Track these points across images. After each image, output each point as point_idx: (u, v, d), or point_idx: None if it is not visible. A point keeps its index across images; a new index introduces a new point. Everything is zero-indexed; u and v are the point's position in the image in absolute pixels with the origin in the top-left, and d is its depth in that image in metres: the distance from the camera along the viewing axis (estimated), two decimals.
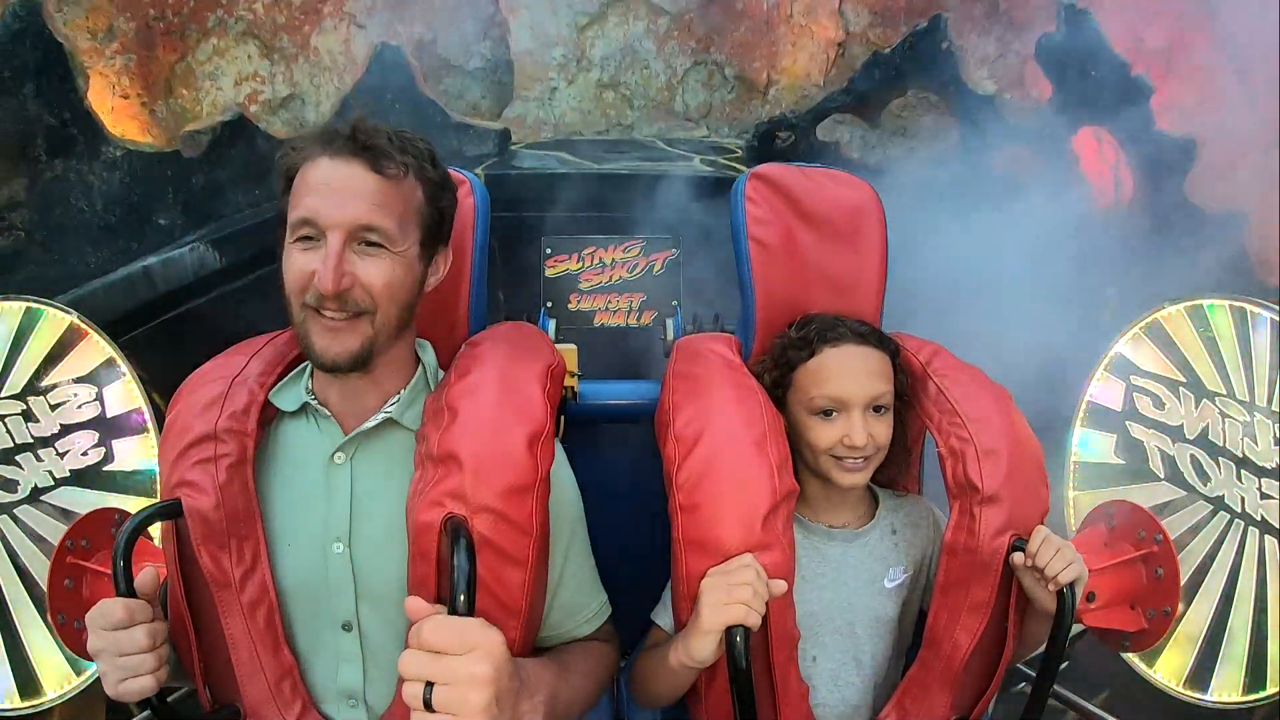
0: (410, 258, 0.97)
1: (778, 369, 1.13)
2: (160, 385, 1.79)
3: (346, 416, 1.01)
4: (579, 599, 1.05)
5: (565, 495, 1.03)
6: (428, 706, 0.75)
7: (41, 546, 1.54)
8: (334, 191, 0.91)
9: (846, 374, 1.07)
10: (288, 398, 1.03)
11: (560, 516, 1.00)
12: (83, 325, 1.58)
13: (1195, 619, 1.46)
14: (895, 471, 1.25)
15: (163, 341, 2.24)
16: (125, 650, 0.87)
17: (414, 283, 0.99)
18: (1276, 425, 1.39)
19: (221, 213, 2.44)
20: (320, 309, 0.92)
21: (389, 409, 1.00)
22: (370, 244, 0.92)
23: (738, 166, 2.78)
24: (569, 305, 1.55)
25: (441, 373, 1.06)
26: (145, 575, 0.90)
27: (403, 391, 1.02)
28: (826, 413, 1.07)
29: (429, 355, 1.08)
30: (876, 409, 1.08)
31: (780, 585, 0.93)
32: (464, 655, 0.77)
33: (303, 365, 1.06)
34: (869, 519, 1.16)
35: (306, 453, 1.01)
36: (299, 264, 0.92)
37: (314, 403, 1.01)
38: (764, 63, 3.02)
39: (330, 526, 0.97)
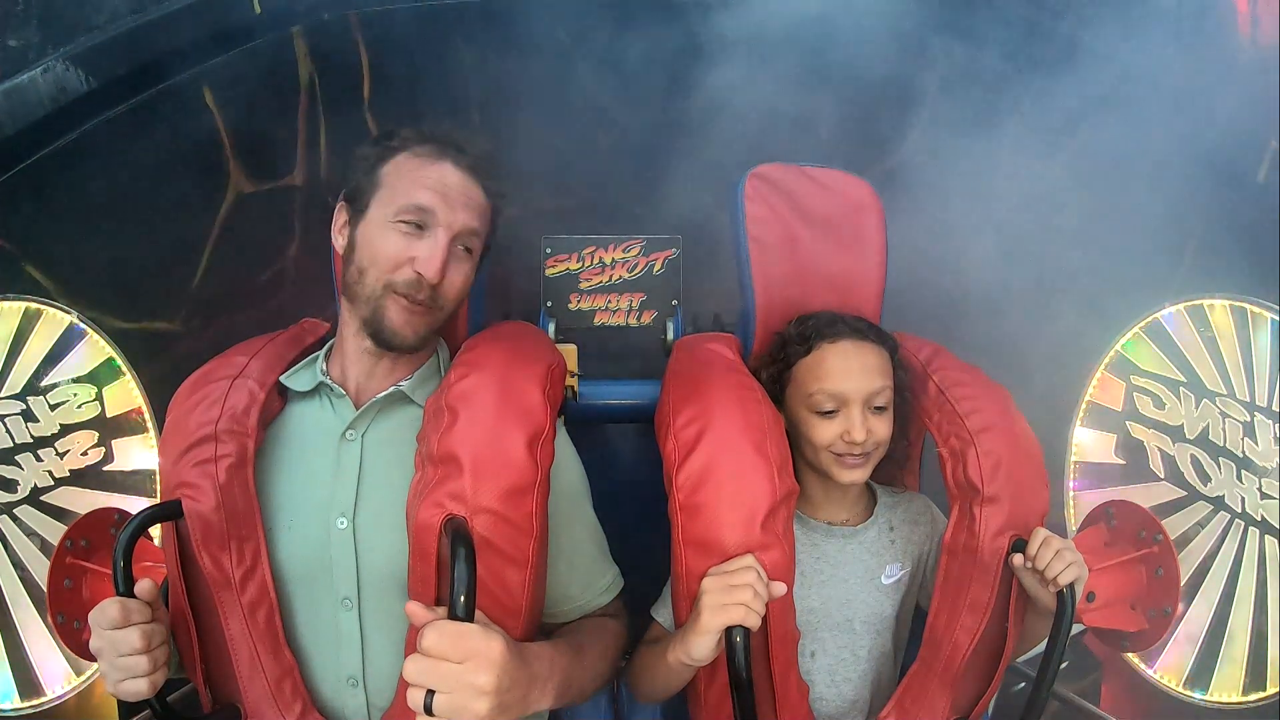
0: (473, 269, 1.08)
1: (776, 365, 1.13)
2: (32, 259, 1.58)
3: (361, 395, 1.05)
4: (597, 566, 1.08)
5: (569, 467, 1.07)
6: (428, 711, 0.77)
7: (42, 547, 1.54)
8: (453, 195, 1.01)
9: (845, 370, 1.07)
10: (301, 379, 1.07)
11: (565, 488, 1.02)
12: (83, 325, 1.58)
13: (1195, 619, 1.46)
14: (895, 469, 1.26)
15: (26, 201, 1.68)
16: (122, 651, 0.87)
17: (468, 289, 1.08)
18: (1276, 425, 1.40)
19: (93, 24, 1.78)
20: (405, 292, 1.00)
21: (401, 384, 1.05)
22: (462, 248, 1.03)
23: None
24: (569, 305, 1.55)
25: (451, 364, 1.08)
26: (143, 583, 0.90)
27: (416, 372, 1.07)
28: (826, 410, 1.07)
29: (444, 348, 1.14)
30: (875, 406, 1.08)
31: (780, 587, 0.93)
32: (464, 664, 0.78)
33: (315, 354, 1.10)
34: (867, 516, 1.16)
35: (317, 432, 1.04)
36: (399, 245, 1.00)
37: (328, 382, 1.05)
38: None
39: (335, 502, 0.98)
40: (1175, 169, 1.72)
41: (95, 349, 1.59)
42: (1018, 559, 0.99)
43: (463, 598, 0.79)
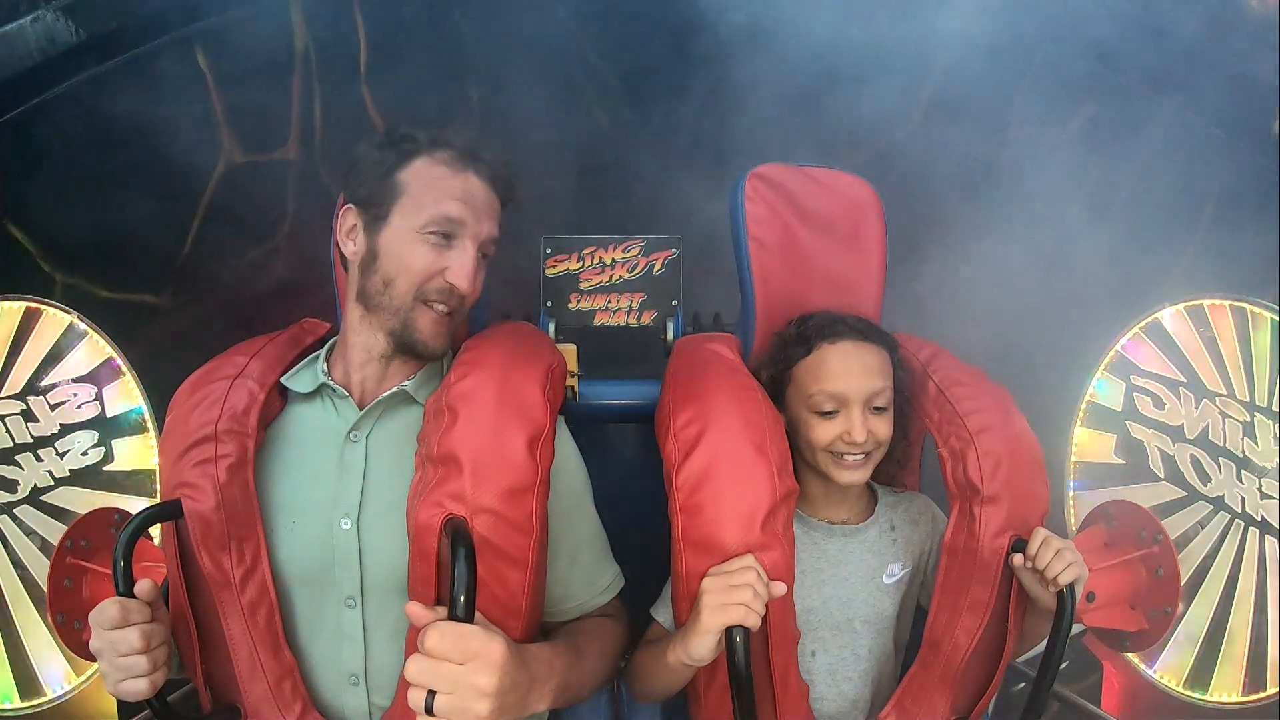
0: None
1: (776, 365, 1.13)
2: (14, 217, 1.51)
3: (366, 397, 1.05)
4: (598, 565, 1.08)
5: (571, 466, 1.06)
6: (429, 712, 0.77)
7: (42, 547, 1.54)
8: (478, 206, 1.03)
9: (845, 371, 1.07)
10: (302, 380, 1.06)
11: (567, 486, 1.02)
12: (83, 325, 1.58)
13: (1195, 619, 1.46)
14: (895, 470, 1.25)
15: (10, 155, 1.61)
16: (121, 651, 0.87)
17: None
18: (1276, 425, 1.40)
19: None
20: (435, 302, 1.02)
21: (405, 384, 1.04)
22: (482, 255, 1.05)
23: None
24: (569, 305, 1.55)
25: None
26: (143, 583, 0.90)
27: (419, 371, 1.07)
28: (826, 411, 1.07)
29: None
30: (876, 406, 1.08)
31: (780, 588, 0.93)
32: (466, 665, 0.79)
33: (315, 354, 1.10)
34: (868, 515, 1.16)
35: (319, 432, 1.03)
36: (430, 257, 1.01)
37: (330, 383, 1.05)
38: None
39: (340, 503, 0.98)
40: (1190, 128, 1.68)
41: (95, 349, 1.59)
42: (1017, 558, 0.99)
43: (463, 598, 0.78)
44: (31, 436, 1.55)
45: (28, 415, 1.55)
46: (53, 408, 1.56)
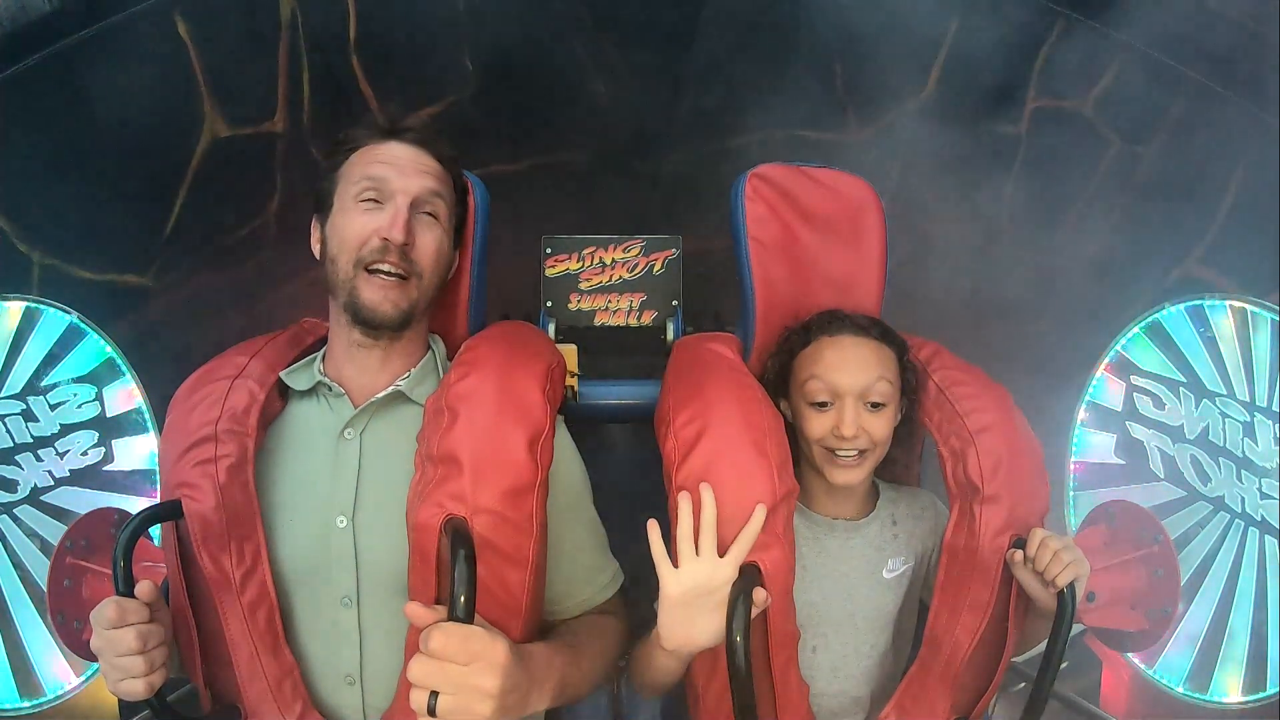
0: (448, 237, 1.07)
1: (780, 355, 1.14)
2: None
3: (359, 393, 1.04)
4: (598, 562, 1.08)
5: (570, 464, 1.06)
6: (431, 713, 0.77)
7: (42, 547, 1.54)
8: (402, 165, 1.03)
9: (840, 363, 1.08)
10: (300, 378, 1.06)
11: (566, 485, 1.03)
12: (83, 325, 1.58)
13: (1195, 619, 1.46)
14: (899, 471, 1.25)
15: None
16: (118, 651, 0.87)
17: (447, 262, 1.08)
18: (1276, 425, 1.40)
19: None
20: (375, 267, 0.99)
21: (399, 383, 1.04)
22: (426, 214, 1.03)
23: None
24: (569, 305, 1.55)
25: (449, 363, 1.08)
26: (143, 585, 0.90)
27: (413, 370, 1.06)
28: (819, 402, 1.07)
29: (439, 345, 1.12)
30: (871, 403, 1.07)
31: (761, 594, 0.92)
32: (469, 666, 0.79)
33: (314, 354, 1.10)
34: (869, 510, 1.16)
35: (316, 431, 1.03)
36: (360, 222, 1.00)
37: (326, 380, 1.05)
38: None
39: (335, 501, 0.98)
40: (1194, 130, 1.67)
41: (95, 349, 1.59)
42: (1016, 556, 0.99)
43: (463, 598, 0.78)
44: (31, 436, 1.55)
45: (28, 415, 1.55)
46: (53, 408, 1.56)
